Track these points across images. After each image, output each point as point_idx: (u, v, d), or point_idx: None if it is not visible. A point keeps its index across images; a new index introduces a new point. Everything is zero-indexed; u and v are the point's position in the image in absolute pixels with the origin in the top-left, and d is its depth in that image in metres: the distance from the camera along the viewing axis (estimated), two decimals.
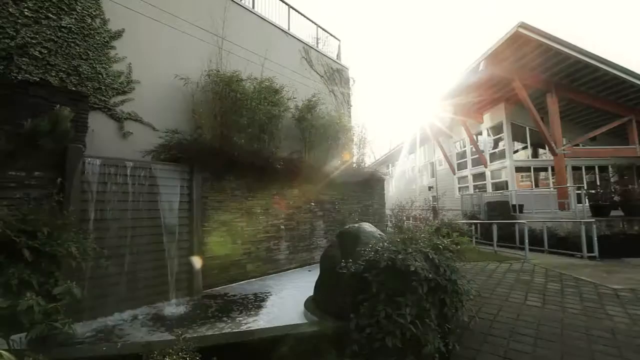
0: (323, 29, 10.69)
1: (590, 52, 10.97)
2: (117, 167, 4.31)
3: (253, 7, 8.24)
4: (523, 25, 10.59)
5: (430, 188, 22.36)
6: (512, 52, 11.61)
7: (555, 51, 11.02)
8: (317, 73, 9.80)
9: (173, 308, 4.47)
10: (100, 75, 5.22)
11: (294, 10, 9.54)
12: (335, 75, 10.44)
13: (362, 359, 2.23)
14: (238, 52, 7.23)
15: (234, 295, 5.05)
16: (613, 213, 9.98)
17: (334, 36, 11.16)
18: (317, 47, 10.25)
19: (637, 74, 11.36)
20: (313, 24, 10.36)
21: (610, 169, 14.72)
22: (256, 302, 4.70)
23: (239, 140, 6.28)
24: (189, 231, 5.10)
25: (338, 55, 11.23)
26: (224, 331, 3.51)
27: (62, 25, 4.84)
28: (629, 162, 14.76)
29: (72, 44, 4.93)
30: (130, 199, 4.38)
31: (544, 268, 6.38)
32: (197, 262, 5.06)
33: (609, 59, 11.10)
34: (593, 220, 8.00)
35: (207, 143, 5.54)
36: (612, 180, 12.69)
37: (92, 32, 5.17)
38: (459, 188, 19.25)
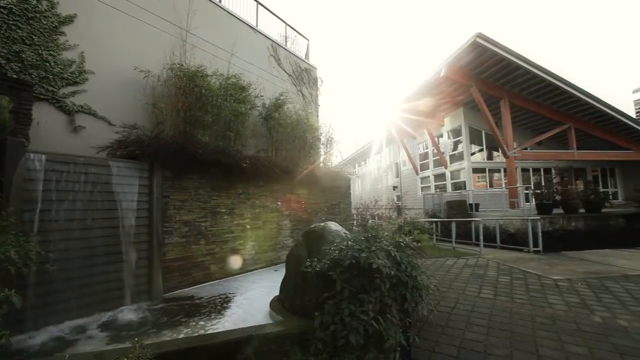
0: (292, 28, 10.64)
1: (536, 64, 11.97)
2: (66, 164, 3.98)
3: (220, 0, 7.99)
4: (480, 36, 11.30)
5: (394, 188, 23.13)
6: (470, 60, 12.34)
7: (507, 61, 11.90)
8: (285, 72, 9.73)
9: (130, 314, 4.22)
10: (47, 63, 4.79)
11: (262, 7, 9.40)
12: (304, 75, 10.43)
13: (326, 357, 2.27)
14: (203, 47, 6.97)
15: (197, 298, 4.88)
16: (555, 211, 10.99)
17: (302, 35, 11.15)
18: (286, 45, 10.18)
19: (574, 85, 12.59)
20: (282, 22, 10.28)
21: (553, 171, 16.21)
22: (220, 304, 4.58)
23: (204, 137, 6.06)
24: (148, 232, 4.84)
25: (307, 55, 11.24)
26: (185, 336, 3.39)
27: (0, 5, 4.38)
28: (568, 164, 16.36)
29: (13, 27, 4.47)
30: (81, 198, 4.06)
31: (497, 262, 6.89)
32: (156, 264, 4.83)
33: (552, 71, 12.19)
34: (538, 217, 8.74)
35: (169, 140, 5.29)
36: (554, 181, 13.95)
37: (37, 15, 4.73)
38: (422, 188, 20.11)
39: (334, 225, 3.64)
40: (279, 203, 7.41)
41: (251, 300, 4.70)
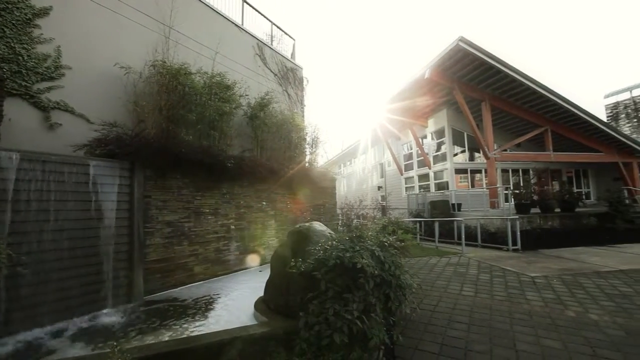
0: (278, 27, 10.58)
1: (515, 68, 12.36)
2: (40, 162, 3.82)
3: None
4: (463, 40, 11.57)
5: (379, 188, 23.37)
6: (453, 63, 12.61)
7: (488, 65, 12.23)
8: (271, 71, 9.68)
9: (109, 317, 4.10)
10: (20, 57, 4.59)
11: (248, 5, 9.30)
12: (289, 75, 10.40)
13: (311, 357, 2.27)
14: (187, 44, 6.85)
15: (181, 300, 4.79)
16: (533, 210, 11.38)
17: (288, 35, 11.11)
18: (272, 45, 10.11)
19: (551, 90, 13.07)
20: (268, 21, 10.21)
21: (531, 171, 16.78)
22: (204, 306, 4.51)
23: (187, 136, 5.96)
24: (129, 233, 4.71)
25: (292, 55, 11.20)
26: (167, 339, 3.32)
27: None
28: (545, 165, 16.98)
29: None
30: (57, 198, 3.91)
31: (477, 261, 7.08)
32: (138, 266, 4.70)
33: (531, 76, 12.63)
34: (517, 217, 9.04)
35: (151, 138, 5.16)
36: (532, 181, 14.45)
37: (9, 6, 4.52)
38: (406, 188, 20.40)
39: (318, 226, 3.66)
40: (264, 203, 7.36)
41: (235, 301, 4.64)
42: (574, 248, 8.48)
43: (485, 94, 13.99)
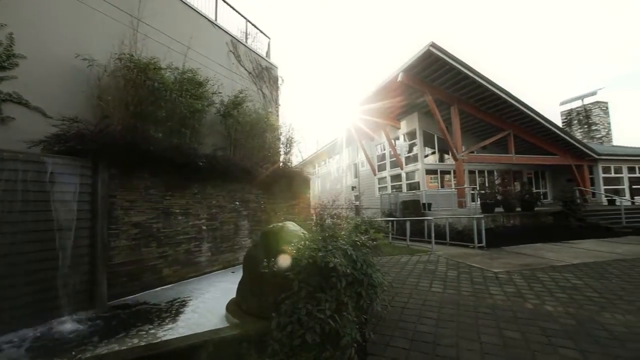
0: (253, 25, 10.43)
1: (482, 74, 13.02)
2: None
3: None
4: (433, 45, 12.00)
5: (353, 188, 23.69)
6: (424, 68, 13.06)
7: (457, 70, 12.78)
8: (245, 69, 9.52)
9: (68, 325, 3.85)
10: None
11: (222, 1, 9.09)
12: (264, 73, 10.28)
13: (283, 357, 2.27)
14: (157, 38, 6.57)
15: (149, 304, 4.59)
16: (497, 209, 12.04)
17: (264, 33, 10.98)
18: (247, 42, 9.95)
19: (514, 96, 13.90)
20: (243, 18, 10.03)
21: (495, 173, 17.73)
22: (174, 309, 4.36)
23: (156, 134, 5.73)
24: (91, 235, 4.45)
25: (267, 54, 11.09)
26: (132, 345, 3.17)
27: None
28: (508, 167, 18.03)
29: None
30: (6, 198, 3.61)
31: (446, 258, 7.37)
32: (101, 270, 4.46)
33: (496, 82, 13.34)
34: (482, 216, 9.51)
35: (117, 135, 4.91)
36: (496, 182, 15.28)
37: None
38: (379, 188, 20.84)
39: (292, 225, 3.65)
40: (237, 203, 7.23)
41: (207, 304, 4.53)
42: (533, 245, 9.05)
43: (455, 98, 14.60)
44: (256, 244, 3.62)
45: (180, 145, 5.94)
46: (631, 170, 18.60)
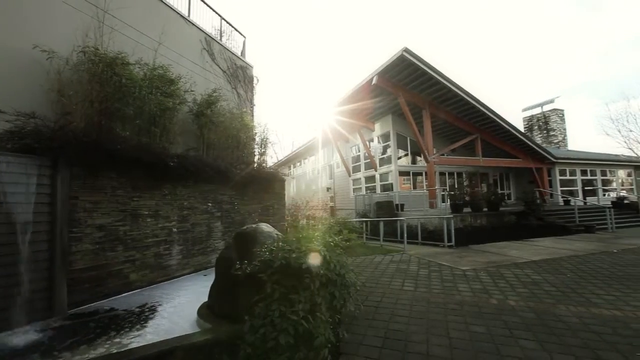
0: (228, 22, 10.23)
1: (451, 80, 13.58)
2: None
3: None
4: (407, 50, 12.38)
5: (328, 189, 23.85)
6: (398, 72, 13.43)
7: (428, 75, 13.26)
8: (220, 68, 9.31)
9: (22, 336, 3.56)
10: None
11: None
12: (239, 72, 10.11)
13: None
14: (125, 31, 6.27)
15: (114, 311, 4.35)
16: (465, 210, 12.61)
17: (239, 32, 10.80)
18: (221, 40, 9.74)
19: (481, 102, 14.63)
20: (217, 15, 9.81)
21: (464, 175, 18.53)
22: (142, 316, 4.16)
23: (124, 132, 5.46)
24: (50, 239, 4.16)
25: (243, 53, 10.91)
26: (94, 356, 3.00)
27: None
28: (476, 169, 18.91)
29: None
30: None
31: (418, 257, 7.60)
32: (59, 275, 4.18)
33: (465, 88, 13.97)
34: (452, 216, 9.92)
35: (80, 132, 4.62)
36: (465, 183, 16.00)
37: None
38: (354, 189, 21.13)
39: (266, 227, 3.62)
40: (210, 204, 7.04)
41: (177, 309, 4.37)
42: (498, 243, 9.55)
43: (426, 102, 15.11)
44: (229, 245, 3.55)
45: (150, 145, 5.70)
46: (584, 172, 20.15)
